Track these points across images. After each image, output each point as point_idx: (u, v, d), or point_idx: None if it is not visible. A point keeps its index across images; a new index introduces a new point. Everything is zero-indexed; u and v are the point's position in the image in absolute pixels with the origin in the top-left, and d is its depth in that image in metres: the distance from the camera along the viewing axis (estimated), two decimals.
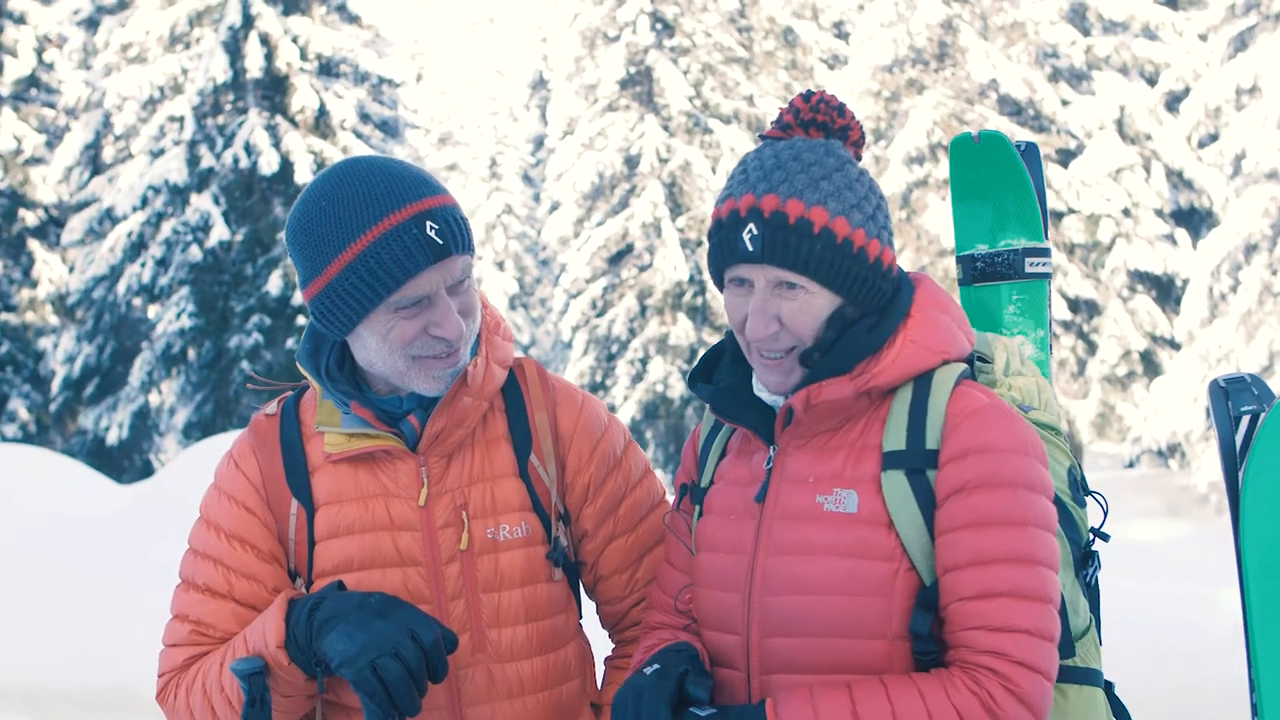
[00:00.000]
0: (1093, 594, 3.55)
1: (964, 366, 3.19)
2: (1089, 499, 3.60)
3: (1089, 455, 41.45)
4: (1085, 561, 3.50)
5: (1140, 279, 36.11)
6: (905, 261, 35.69)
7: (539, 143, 66.65)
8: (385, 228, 3.19)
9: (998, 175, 4.04)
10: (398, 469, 3.41)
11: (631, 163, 43.04)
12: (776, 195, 3.04)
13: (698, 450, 3.50)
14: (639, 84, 43.06)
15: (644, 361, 41.67)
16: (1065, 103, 37.34)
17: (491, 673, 3.42)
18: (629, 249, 42.80)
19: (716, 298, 40.39)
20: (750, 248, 3.05)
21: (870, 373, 3.09)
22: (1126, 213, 35.34)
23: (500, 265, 65.47)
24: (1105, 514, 3.59)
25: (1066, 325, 36.43)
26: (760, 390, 3.26)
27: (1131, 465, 35.25)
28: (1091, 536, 3.55)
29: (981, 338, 3.52)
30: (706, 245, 3.21)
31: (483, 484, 3.45)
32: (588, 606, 3.74)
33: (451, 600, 3.40)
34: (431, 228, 3.21)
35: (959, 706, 2.86)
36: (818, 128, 3.18)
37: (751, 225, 3.05)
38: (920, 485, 3.04)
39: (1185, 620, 9.48)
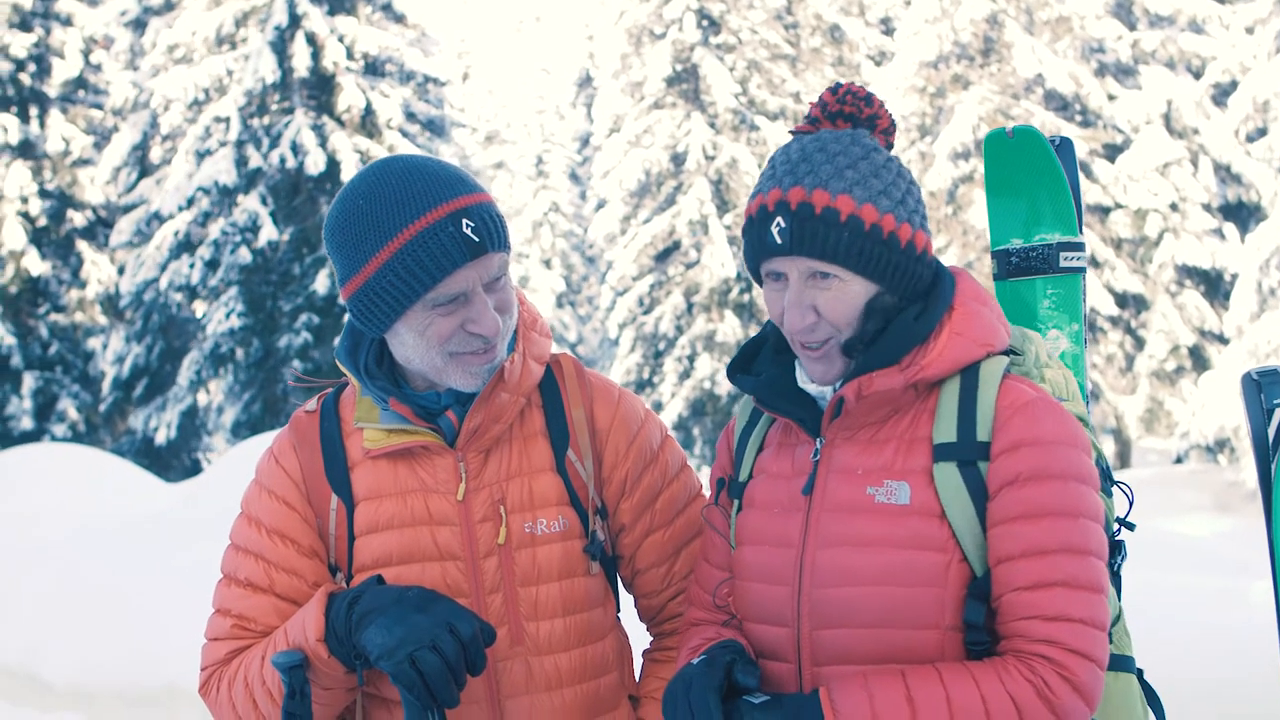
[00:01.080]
0: (1117, 582, 3.56)
1: (1007, 360, 3.21)
2: (1115, 489, 3.61)
3: (1137, 451, 41.35)
4: (1112, 551, 3.51)
5: (1188, 274, 35.97)
6: (951, 257, 35.64)
7: (585, 140, 66.68)
8: (422, 226, 3.21)
9: (1032, 170, 4.04)
10: (436, 464, 3.44)
11: (678, 160, 43.01)
12: (802, 187, 3.06)
13: (733, 444, 3.51)
14: (685, 81, 43.04)
15: (691, 359, 41.64)
16: (1112, 97, 37.24)
17: (530, 665, 3.44)
18: (676, 246, 42.79)
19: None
20: (779, 240, 3.07)
21: (919, 364, 3.10)
22: (1174, 207, 35.21)
23: (547, 263, 65.55)
24: (1130, 504, 3.61)
25: (1114, 320, 36.33)
26: (805, 382, 3.27)
27: (1180, 461, 35.14)
28: (1118, 526, 3.57)
29: (1012, 331, 3.53)
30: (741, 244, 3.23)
31: (520, 479, 3.47)
32: (625, 600, 3.76)
33: (490, 594, 3.42)
34: (468, 225, 3.23)
35: (1014, 694, 2.88)
36: (845, 119, 3.20)
37: (779, 219, 3.07)
38: (972, 477, 3.05)
39: (1229, 614, 9.43)
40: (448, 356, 3.32)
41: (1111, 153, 36.77)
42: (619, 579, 3.72)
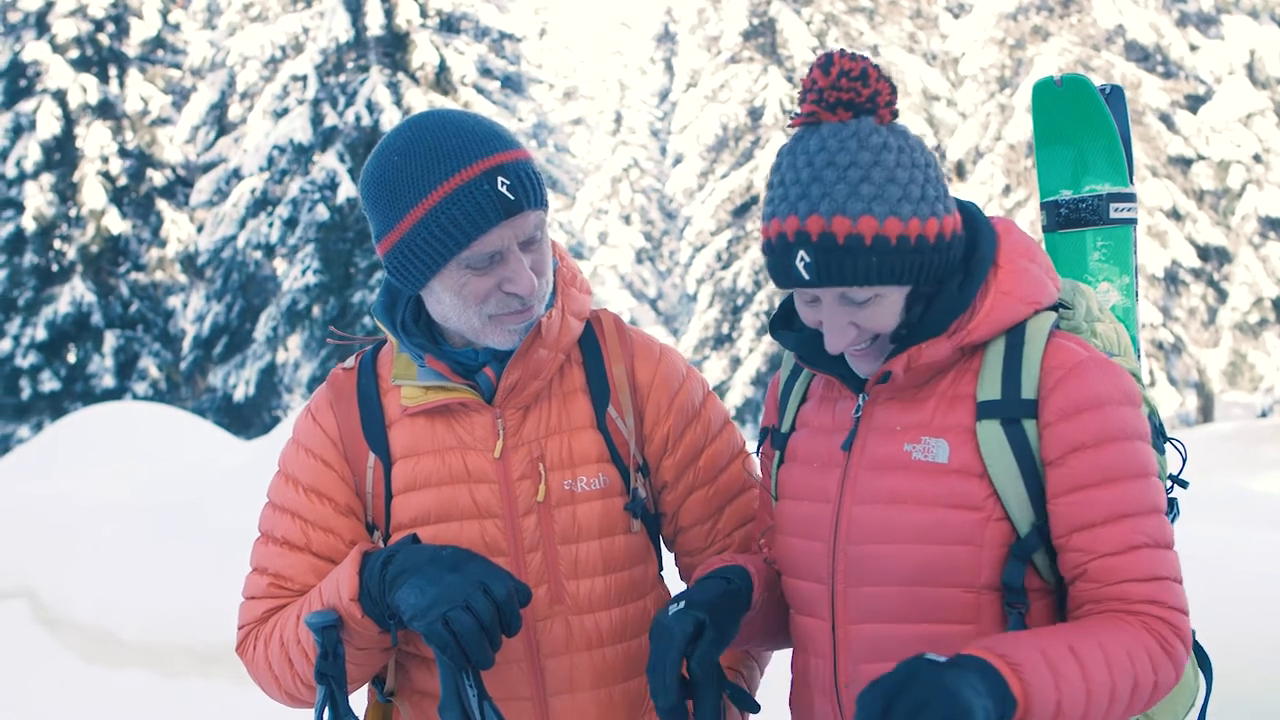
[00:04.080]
0: None
1: (1055, 316, 3.15)
2: (1168, 446, 3.56)
3: (1220, 405, 41.06)
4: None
5: (1272, 225, 35.70)
6: (1030, 210, 35.36)
7: (664, 96, 66.58)
8: (457, 183, 3.17)
9: (1081, 119, 3.97)
10: (474, 421, 3.41)
11: (755, 115, 43.04)
12: (819, 215, 2.92)
13: (779, 394, 3.49)
14: (762, 35, 43.00)
15: (769, 314, 41.51)
16: (1194, 48, 36.92)
17: (570, 624, 3.42)
18: (754, 201, 42.82)
19: None
20: (806, 275, 2.97)
21: (966, 329, 3.05)
22: (1257, 159, 34.91)
23: (626, 219, 65.57)
24: (1184, 461, 3.57)
25: (1196, 273, 36.08)
26: None
27: (1264, 415, 34.86)
28: (1170, 484, 3.51)
29: (1063, 284, 3.47)
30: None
31: (560, 436, 3.44)
32: (668, 559, 3.73)
33: (529, 552, 3.39)
34: (503, 183, 3.19)
35: (1146, 647, 2.87)
36: (845, 107, 3.02)
37: (802, 252, 2.95)
38: (1016, 435, 3.01)
39: None
40: (486, 318, 3.29)
41: (1193, 104, 36.48)
42: (661, 537, 3.69)
